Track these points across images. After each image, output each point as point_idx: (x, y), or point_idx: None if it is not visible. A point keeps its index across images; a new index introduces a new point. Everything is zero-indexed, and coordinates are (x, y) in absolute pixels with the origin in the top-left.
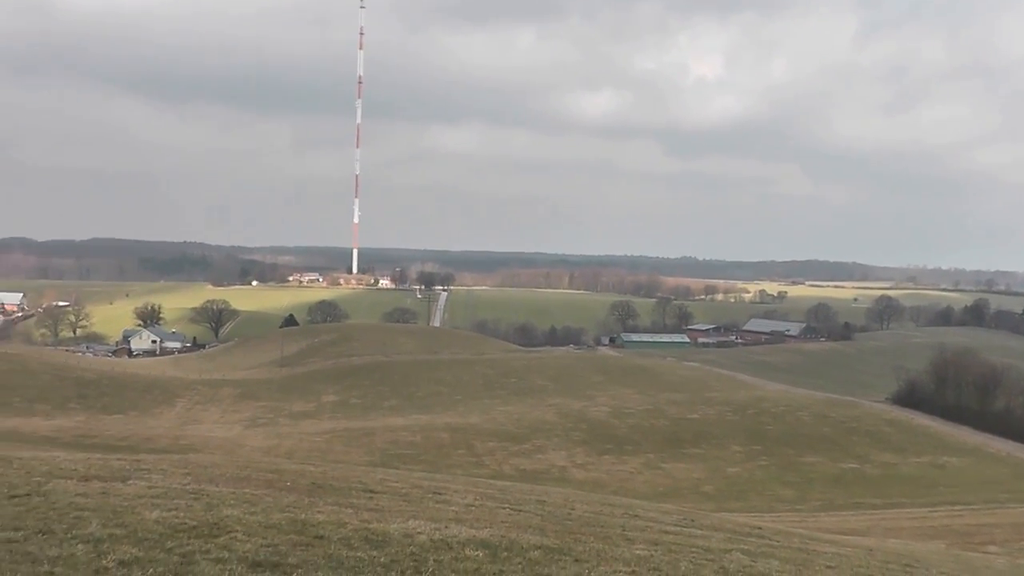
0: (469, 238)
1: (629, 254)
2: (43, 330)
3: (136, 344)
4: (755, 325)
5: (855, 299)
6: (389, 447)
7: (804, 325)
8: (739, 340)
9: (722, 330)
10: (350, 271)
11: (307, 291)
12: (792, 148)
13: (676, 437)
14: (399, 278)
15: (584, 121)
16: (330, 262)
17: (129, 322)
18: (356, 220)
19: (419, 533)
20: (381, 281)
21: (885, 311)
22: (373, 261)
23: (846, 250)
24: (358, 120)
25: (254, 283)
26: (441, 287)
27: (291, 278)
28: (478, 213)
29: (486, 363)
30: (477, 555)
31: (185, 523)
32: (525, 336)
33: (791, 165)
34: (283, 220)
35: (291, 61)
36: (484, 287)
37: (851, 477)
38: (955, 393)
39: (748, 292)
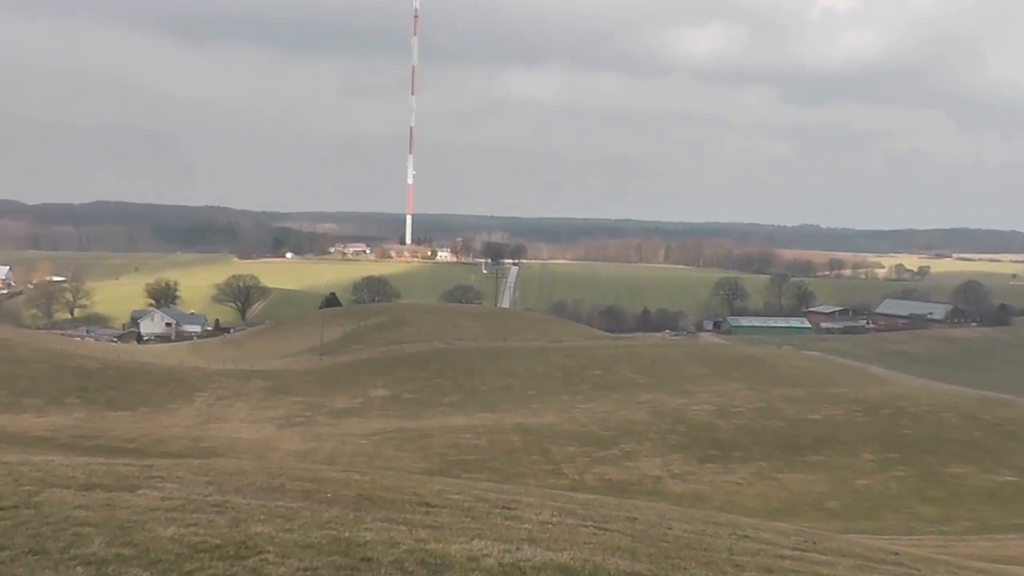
0: (544, 203)
1: (738, 222)
2: (34, 310)
3: (147, 328)
4: (890, 307)
5: (1014, 276)
6: (449, 452)
7: (950, 307)
8: (871, 325)
9: (850, 313)
10: (403, 242)
11: (352, 265)
12: (938, 95)
13: (794, 442)
14: (461, 250)
15: (686, 63)
16: (379, 231)
17: (139, 301)
18: (410, 181)
19: (485, 556)
20: (439, 254)
21: None
22: (430, 230)
23: (1003, 216)
24: (414, 62)
25: (289, 255)
26: (511, 261)
27: (333, 250)
28: (556, 173)
29: (565, 352)
30: None
31: (207, 542)
32: (612, 320)
33: (936, 115)
34: (324, 182)
35: None
36: (562, 261)
37: (1009, 492)
38: None
39: (882, 267)
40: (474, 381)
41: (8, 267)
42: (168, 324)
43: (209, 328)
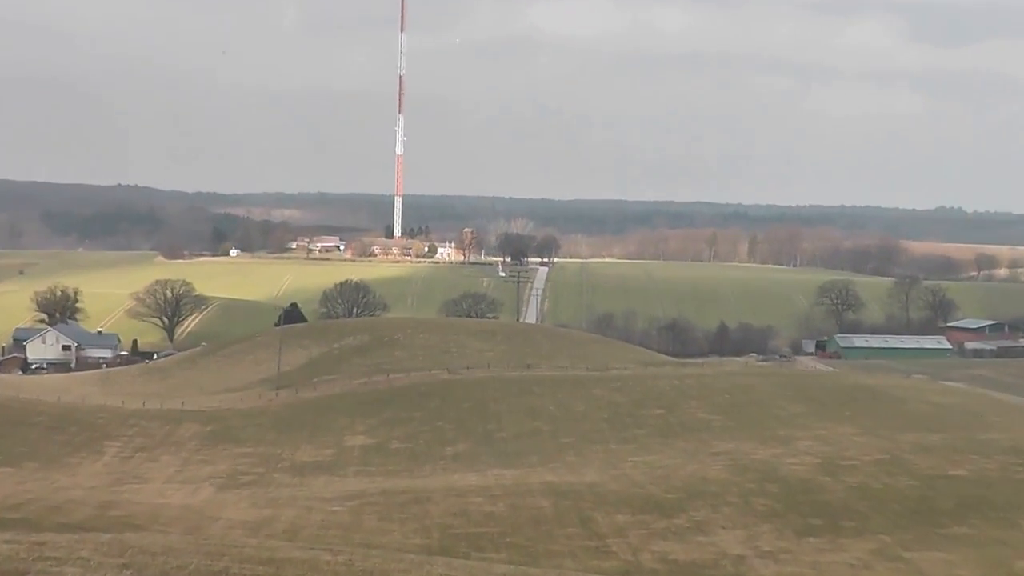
0: (584, 182)
1: (849, 205)
2: None
3: (36, 352)
4: None
5: None
6: (453, 522)
7: None
8: None
9: (1006, 329)
10: (390, 234)
11: (321, 267)
12: None
13: (929, 507)
14: (469, 245)
15: None
16: (358, 219)
17: (24, 316)
18: (400, 151)
19: None
20: (440, 250)
21: None
22: (427, 218)
23: None
24: None
25: (234, 253)
26: (538, 260)
27: (295, 245)
28: (599, 141)
29: (612, 384)
30: None
31: None
32: (676, 340)
33: None
34: (282, 153)
35: None
36: (608, 259)
37: None
38: None
39: None
40: (488, 425)
41: None
42: (66, 347)
43: (124, 353)
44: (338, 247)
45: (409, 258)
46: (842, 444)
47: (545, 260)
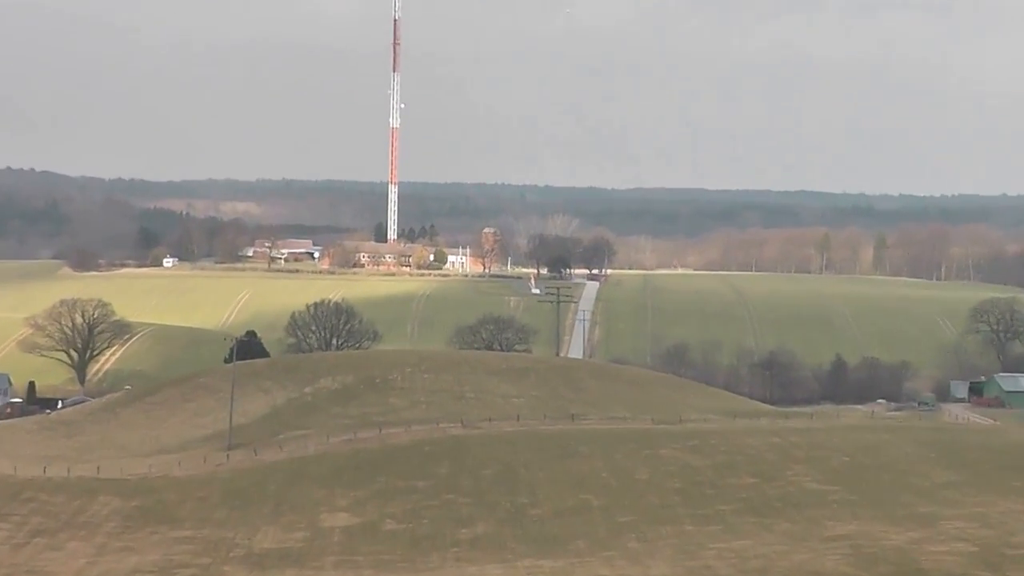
0: (649, 165)
1: (1013, 193)
2: None
3: None
4: None
5: None
6: None
7: None
8: None
9: None
10: (382, 236)
11: (288, 281)
12: None
13: None
14: (491, 251)
15: None
16: (339, 217)
17: None
18: (395, 122)
19: None
20: (452, 258)
21: None
22: (433, 212)
23: None
24: None
25: (169, 263)
26: (587, 270)
27: (252, 252)
28: (665, 110)
29: (687, 441)
30: None
31: None
32: (775, 380)
33: None
34: (234, 127)
35: None
36: (682, 269)
37: None
38: None
39: None
40: (518, 498)
41: None
42: None
43: (17, 400)
44: (311, 255)
45: (408, 269)
46: (1008, 526)
47: (595, 272)
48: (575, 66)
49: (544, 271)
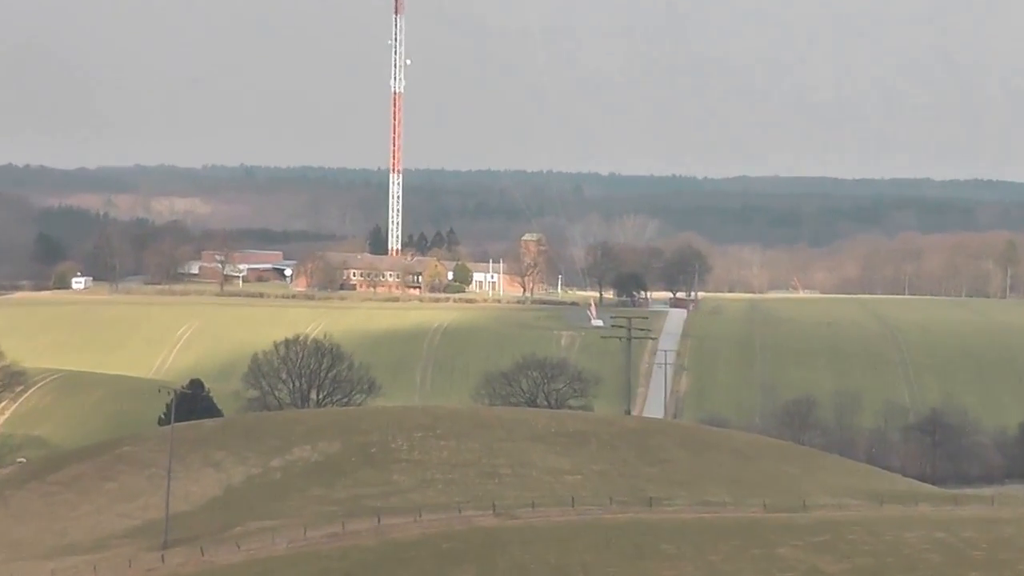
0: (754, 146)
1: None
2: None
3: None
4: None
5: None
6: None
7: None
8: None
9: None
10: (379, 245)
11: (249, 309)
12: None
13: None
14: (535, 266)
15: None
16: (318, 218)
17: None
18: (398, 87)
19: None
20: (479, 276)
21: None
22: (451, 212)
23: None
24: None
25: (80, 283)
26: (671, 293)
27: (196, 267)
28: (775, 73)
29: (815, 537)
30: None
31: None
32: (942, 449)
33: None
34: (173, 96)
35: None
36: (805, 292)
37: None
38: None
39: None
40: None
41: None
42: None
43: None
44: (281, 272)
45: (418, 292)
46: None
47: (681, 295)
48: (651, 7)
49: (609, 295)
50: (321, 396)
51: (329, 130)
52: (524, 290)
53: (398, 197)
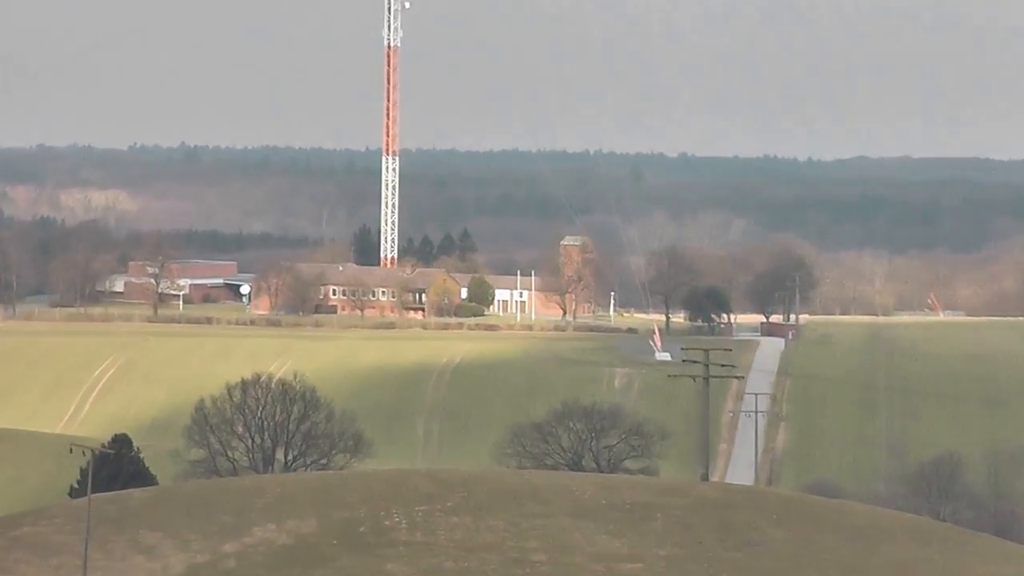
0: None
1: None
2: None
3: None
4: None
5: None
6: None
7: None
8: None
9: None
10: (370, 252)
11: (193, 340)
12: None
13: None
14: (579, 280)
15: None
16: (287, 216)
17: None
18: (393, 39)
19: None
20: (502, 294)
21: None
22: (464, 208)
23: None
24: None
25: None
26: (764, 316)
27: (121, 283)
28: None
29: None
30: None
31: None
32: None
33: None
34: (91, 53)
35: None
36: (946, 313)
37: None
38: None
39: None
40: None
41: None
42: None
43: None
44: (236, 289)
45: (420, 315)
46: None
47: (777, 318)
48: None
49: (680, 318)
50: (290, 457)
51: (300, 98)
52: (564, 312)
53: (393, 187)
